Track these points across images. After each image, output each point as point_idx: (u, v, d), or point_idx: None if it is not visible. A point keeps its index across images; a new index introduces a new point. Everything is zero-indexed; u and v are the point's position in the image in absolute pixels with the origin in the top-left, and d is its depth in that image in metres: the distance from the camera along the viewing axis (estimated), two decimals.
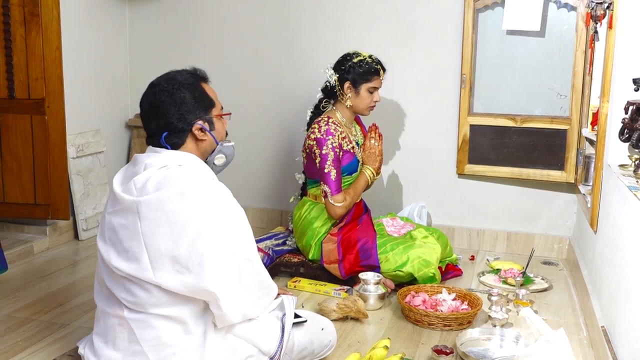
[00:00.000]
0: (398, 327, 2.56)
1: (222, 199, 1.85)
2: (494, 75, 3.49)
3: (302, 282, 2.98)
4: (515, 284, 2.92)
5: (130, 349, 1.86)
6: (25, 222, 3.53)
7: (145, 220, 1.78)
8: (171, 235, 1.77)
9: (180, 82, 1.92)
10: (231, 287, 1.83)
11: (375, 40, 3.60)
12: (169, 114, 1.89)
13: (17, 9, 3.16)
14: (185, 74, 1.97)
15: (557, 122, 3.38)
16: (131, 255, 1.80)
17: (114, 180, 1.93)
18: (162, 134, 1.91)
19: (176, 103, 1.89)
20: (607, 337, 2.14)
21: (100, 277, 1.93)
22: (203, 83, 2.00)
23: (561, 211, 3.51)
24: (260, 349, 1.95)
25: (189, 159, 1.91)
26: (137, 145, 4.14)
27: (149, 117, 1.93)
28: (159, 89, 1.91)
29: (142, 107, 1.95)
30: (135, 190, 1.83)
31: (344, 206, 2.99)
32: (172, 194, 1.78)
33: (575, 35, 3.30)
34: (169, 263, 1.78)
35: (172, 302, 1.82)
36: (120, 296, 1.85)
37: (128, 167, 1.96)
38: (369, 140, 3.14)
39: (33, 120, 3.23)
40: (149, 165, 1.87)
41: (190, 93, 1.92)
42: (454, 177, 3.63)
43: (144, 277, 1.79)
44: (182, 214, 1.77)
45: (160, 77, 1.96)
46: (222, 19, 3.93)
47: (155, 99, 1.90)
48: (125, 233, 1.82)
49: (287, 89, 3.86)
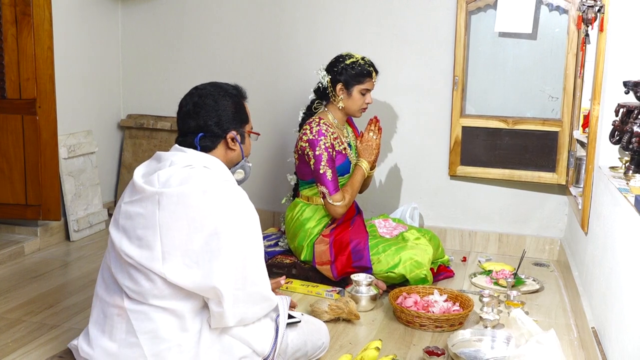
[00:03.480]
0: (390, 328, 2.56)
1: (242, 202, 1.91)
2: (486, 77, 3.50)
3: (294, 284, 2.98)
4: (507, 285, 2.93)
5: (127, 340, 1.88)
6: (16, 223, 3.51)
7: (165, 211, 1.83)
8: (187, 230, 1.82)
9: (226, 91, 2.03)
10: (236, 288, 1.86)
11: (368, 42, 3.61)
12: (209, 117, 1.98)
13: (9, 8, 3.14)
14: (230, 86, 2.08)
15: (549, 124, 3.40)
16: (144, 243, 1.84)
17: (136, 172, 1.98)
18: (198, 134, 1.97)
19: (219, 108, 1.99)
20: (597, 338, 2.15)
21: (107, 264, 1.97)
22: (243, 100, 2.10)
23: (552, 213, 3.53)
24: (254, 349, 1.96)
25: (214, 162, 1.98)
26: (129, 146, 4.13)
27: (189, 116, 1.99)
28: (205, 92, 2.01)
29: (183, 107, 2.02)
30: (158, 183, 1.88)
31: (343, 204, 2.99)
32: (195, 190, 1.84)
33: (566, 38, 3.32)
34: (179, 256, 1.82)
35: (174, 296, 1.85)
36: (124, 284, 1.88)
37: (151, 163, 2.01)
38: (368, 132, 3.12)
39: (24, 121, 3.22)
40: (174, 163, 1.93)
41: (233, 104, 2.03)
42: (446, 178, 3.64)
43: (152, 267, 1.82)
44: (201, 210, 1.83)
45: (206, 83, 2.07)
46: (214, 19, 3.93)
47: (200, 100, 1.99)
48: (142, 222, 1.86)
49: (280, 90, 3.86)
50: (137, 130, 4.11)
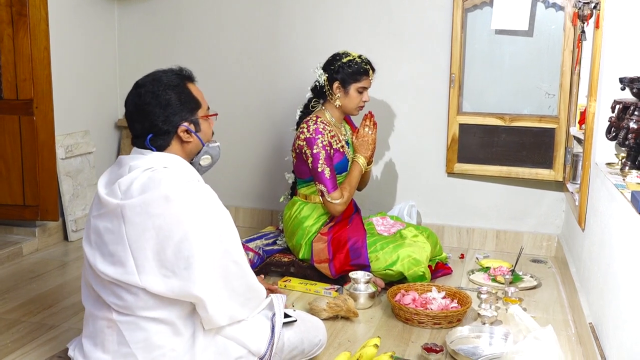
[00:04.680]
0: (388, 325, 2.57)
1: (208, 201, 1.84)
2: (483, 74, 3.51)
3: (292, 282, 2.98)
4: (505, 281, 2.93)
5: (120, 351, 1.85)
6: (14, 224, 3.51)
7: (130, 224, 1.77)
8: (156, 239, 1.76)
9: (165, 84, 1.89)
10: (218, 290, 1.82)
11: (364, 40, 3.61)
12: (153, 116, 1.86)
13: (5, 9, 3.14)
14: (171, 75, 1.93)
15: (546, 121, 3.41)
16: (117, 260, 1.80)
17: (99, 182, 1.91)
18: (147, 135, 1.88)
19: (161, 105, 1.86)
20: (594, 334, 2.16)
21: (87, 280, 1.92)
22: (189, 83, 1.96)
23: (550, 209, 3.54)
24: (249, 349, 1.94)
25: (174, 160, 1.89)
26: (127, 146, 4.13)
27: (134, 118, 1.90)
28: (144, 91, 1.88)
29: (127, 108, 1.92)
30: (120, 193, 1.82)
31: (342, 202, 2.99)
32: (157, 197, 1.77)
33: (563, 35, 3.32)
34: (155, 267, 1.78)
35: (160, 305, 1.82)
36: (109, 300, 1.84)
37: (112, 169, 1.93)
38: (363, 128, 3.12)
39: (21, 121, 3.21)
40: (133, 167, 1.85)
41: (176, 95, 1.89)
42: (443, 176, 3.65)
43: (130, 281, 1.78)
44: (167, 218, 1.76)
45: (146, 77, 1.93)
46: (211, 18, 3.92)
47: (140, 101, 1.88)
48: (110, 237, 1.81)
49: (277, 89, 3.86)
50: None
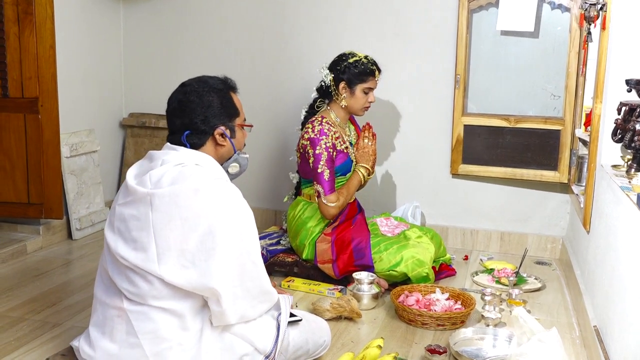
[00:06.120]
0: (391, 326, 2.56)
1: (234, 199, 1.89)
2: (488, 75, 3.50)
3: (295, 282, 2.98)
4: (509, 283, 2.93)
5: (127, 341, 1.87)
6: (18, 222, 3.52)
7: (158, 212, 1.82)
8: (181, 230, 1.81)
9: (210, 86, 2.00)
10: (233, 287, 1.85)
11: (370, 41, 3.61)
12: (194, 114, 1.95)
13: (11, 7, 3.15)
14: (216, 80, 2.04)
15: (551, 123, 3.40)
16: (139, 245, 1.83)
17: (128, 173, 1.97)
18: (185, 132, 1.96)
19: (203, 105, 1.96)
20: (599, 337, 2.15)
21: (104, 267, 1.96)
22: (232, 92, 2.06)
23: (554, 211, 3.53)
24: (256, 347, 1.96)
25: (206, 159, 1.96)
26: (131, 145, 4.13)
27: (175, 114, 1.98)
28: (189, 89, 1.98)
29: (170, 104, 2.00)
30: (150, 183, 1.87)
31: (337, 206, 2.99)
32: (187, 189, 1.83)
33: (568, 36, 3.31)
34: (175, 257, 1.81)
35: (173, 296, 1.85)
36: (122, 286, 1.87)
37: (143, 162, 1.99)
38: (363, 139, 3.15)
39: (27, 119, 3.22)
40: (166, 162, 1.92)
41: (219, 98, 1.99)
42: (447, 177, 3.64)
43: (149, 269, 1.81)
44: (194, 210, 1.81)
45: (193, 78, 2.04)
46: (216, 18, 3.93)
47: (184, 98, 1.97)
48: (136, 223, 1.85)
49: (282, 88, 3.86)
50: (139, 128, 4.11)
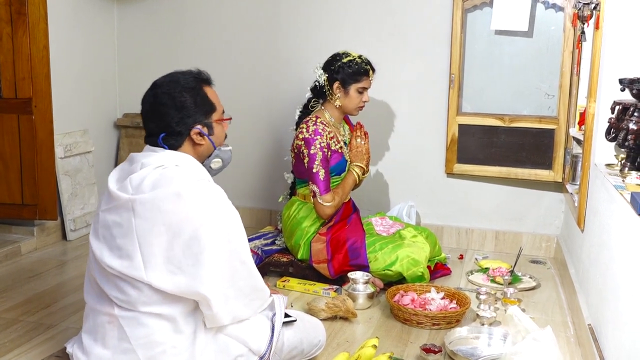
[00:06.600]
0: (387, 326, 2.57)
1: (218, 200, 1.86)
2: (483, 75, 3.50)
3: (291, 282, 2.98)
4: (504, 282, 2.93)
5: (120, 346, 1.85)
6: (12, 223, 3.50)
7: (140, 218, 1.79)
8: (166, 236, 1.77)
9: (182, 86, 1.92)
10: (224, 289, 1.83)
11: (364, 40, 3.60)
12: (168, 117, 1.89)
13: (4, 7, 3.13)
14: (188, 77, 1.96)
15: (545, 122, 3.41)
16: (124, 253, 1.80)
17: (110, 178, 1.93)
18: (160, 134, 1.91)
19: (176, 107, 1.90)
20: (593, 335, 2.16)
21: (91, 275, 1.93)
22: (206, 86, 1.99)
23: (549, 210, 3.53)
24: (250, 348, 1.95)
25: (185, 159, 1.91)
26: (126, 145, 4.12)
27: (149, 117, 1.94)
28: (160, 91, 1.91)
29: (143, 107, 1.96)
30: (131, 188, 1.83)
31: (332, 206, 2.99)
32: (168, 194, 1.79)
33: (562, 36, 3.32)
34: (161, 263, 1.78)
35: (163, 301, 1.82)
36: (111, 294, 1.85)
37: (124, 166, 1.95)
38: (355, 139, 3.15)
39: (20, 120, 3.21)
40: (145, 165, 1.87)
41: (192, 97, 1.92)
42: (442, 176, 3.64)
43: (136, 276, 1.79)
44: (177, 215, 1.78)
45: (164, 77, 1.96)
46: (211, 18, 3.92)
47: (155, 101, 1.91)
48: (119, 231, 1.82)
49: (276, 88, 3.85)
50: (133, 129, 4.10)
